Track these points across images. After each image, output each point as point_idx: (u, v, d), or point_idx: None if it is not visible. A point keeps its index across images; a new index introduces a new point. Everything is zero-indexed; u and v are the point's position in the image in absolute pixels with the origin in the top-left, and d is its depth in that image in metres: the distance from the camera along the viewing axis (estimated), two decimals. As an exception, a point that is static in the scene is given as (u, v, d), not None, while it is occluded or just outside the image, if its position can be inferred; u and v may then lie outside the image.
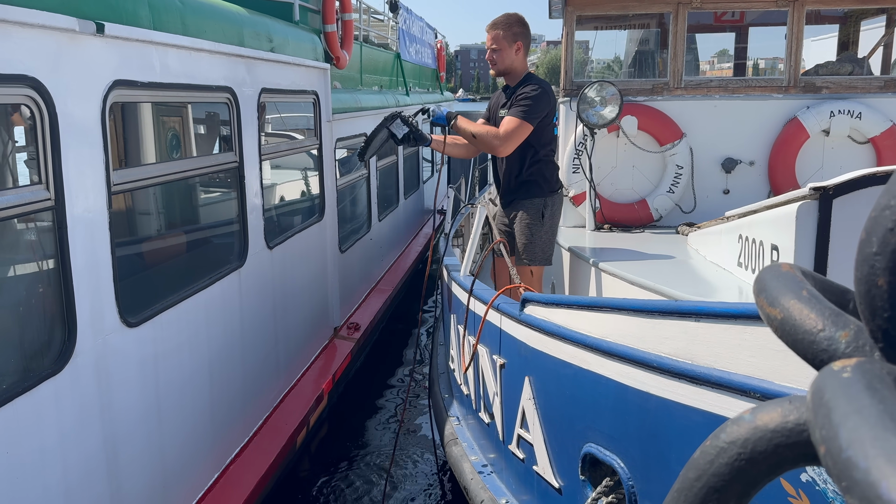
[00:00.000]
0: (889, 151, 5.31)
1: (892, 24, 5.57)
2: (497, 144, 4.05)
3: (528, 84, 4.15)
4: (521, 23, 4.30)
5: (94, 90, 2.91)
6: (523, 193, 4.24)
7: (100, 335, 2.95)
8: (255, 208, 4.58)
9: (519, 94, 4.10)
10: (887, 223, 0.51)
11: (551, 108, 4.19)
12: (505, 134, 4.02)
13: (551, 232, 4.29)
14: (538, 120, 4.06)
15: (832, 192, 2.59)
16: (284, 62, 5.05)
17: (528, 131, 4.04)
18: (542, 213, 4.19)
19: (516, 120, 4.01)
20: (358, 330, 6.40)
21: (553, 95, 4.21)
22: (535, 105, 4.03)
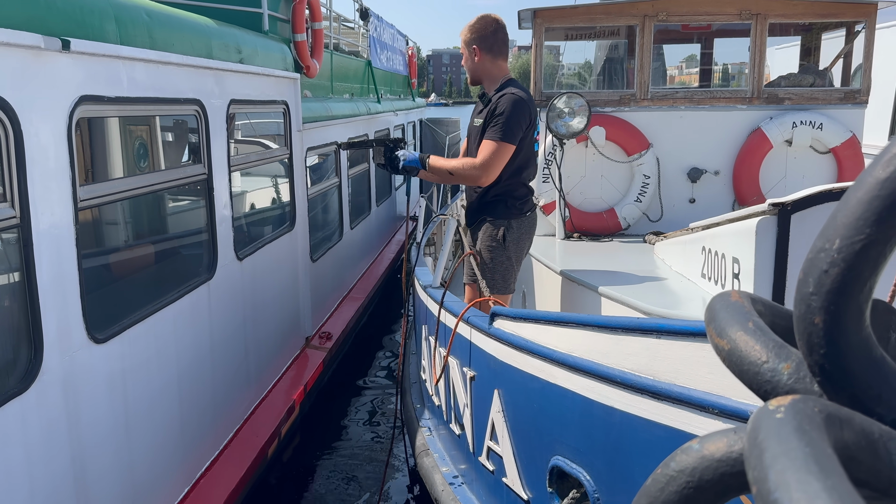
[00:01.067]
0: (849, 161, 5.45)
1: (851, 38, 5.72)
2: (477, 175, 3.68)
3: (502, 95, 3.75)
4: (475, 27, 3.93)
5: (60, 106, 2.89)
6: (487, 213, 3.88)
7: (67, 353, 2.92)
8: (224, 219, 4.56)
9: (493, 109, 3.73)
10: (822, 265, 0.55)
11: (531, 119, 3.78)
12: (483, 162, 3.66)
13: (515, 258, 3.90)
14: (519, 136, 3.69)
15: (790, 207, 2.66)
16: (254, 73, 5.05)
17: (510, 152, 3.66)
18: (505, 236, 3.81)
19: (493, 143, 3.64)
20: (330, 339, 6.40)
21: (531, 104, 3.79)
22: (511, 121, 3.65)
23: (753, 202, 5.51)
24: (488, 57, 3.91)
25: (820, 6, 5.49)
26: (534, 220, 4.06)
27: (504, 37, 3.98)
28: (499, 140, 3.64)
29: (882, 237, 0.53)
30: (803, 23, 5.99)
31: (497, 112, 3.69)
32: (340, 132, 7.66)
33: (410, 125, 13.46)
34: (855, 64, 5.88)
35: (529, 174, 3.95)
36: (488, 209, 3.87)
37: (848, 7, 5.47)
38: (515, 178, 3.85)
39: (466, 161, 3.78)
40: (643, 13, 5.54)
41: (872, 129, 6.90)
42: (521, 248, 3.95)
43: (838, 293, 0.53)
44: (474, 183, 3.79)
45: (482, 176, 3.68)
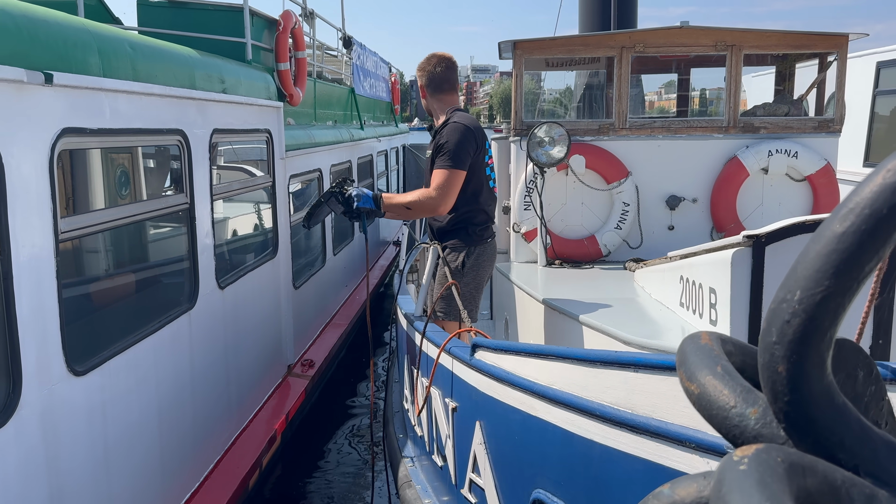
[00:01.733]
0: (824, 189, 5.55)
1: (823, 68, 5.85)
2: (435, 205, 3.76)
3: (444, 126, 3.90)
4: (421, 67, 4.16)
5: (41, 139, 2.90)
6: (447, 241, 3.97)
7: (46, 386, 2.90)
8: (205, 248, 4.56)
9: (439, 141, 3.85)
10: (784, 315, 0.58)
11: (477, 144, 3.86)
12: (437, 190, 3.74)
13: (474, 286, 3.94)
14: (468, 162, 3.80)
15: (764, 239, 2.71)
16: (237, 102, 5.08)
17: (461, 178, 3.76)
18: (464, 263, 3.89)
19: (444, 171, 3.75)
20: (312, 367, 6.37)
21: (475, 130, 3.88)
22: (457, 148, 3.75)
23: (731, 229, 5.59)
24: (433, 94, 4.11)
25: (793, 38, 5.62)
26: (494, 248, 4.12)
27: (448, 74, 4.13)
28: (448, 168, 3.74)
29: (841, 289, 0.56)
30: (777, 53, 6.12)
31: (441, 142, 3.82)
32: (324, 159, 7.70)
33: (394, 151, 13.54)
34: (828, 93, 6.02)
35: (486, 199, 4.02)
36: (448, 236, 3.96)
37: (820, 39, 5.61)
38: (473, 205, 3.94)
39: (421, 192, 3.84)
40: (621, 45, 5.65)
41: (847, 155, 7.04)
42: (482, 276, 4.01)
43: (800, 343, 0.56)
44: (433, 212, 3.86)
45: (440, 204, 3.76)
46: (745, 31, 5.58)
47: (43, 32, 2.97)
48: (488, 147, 4.07)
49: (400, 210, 3.95)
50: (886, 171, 0.54)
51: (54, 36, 3.05)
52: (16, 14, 2.84)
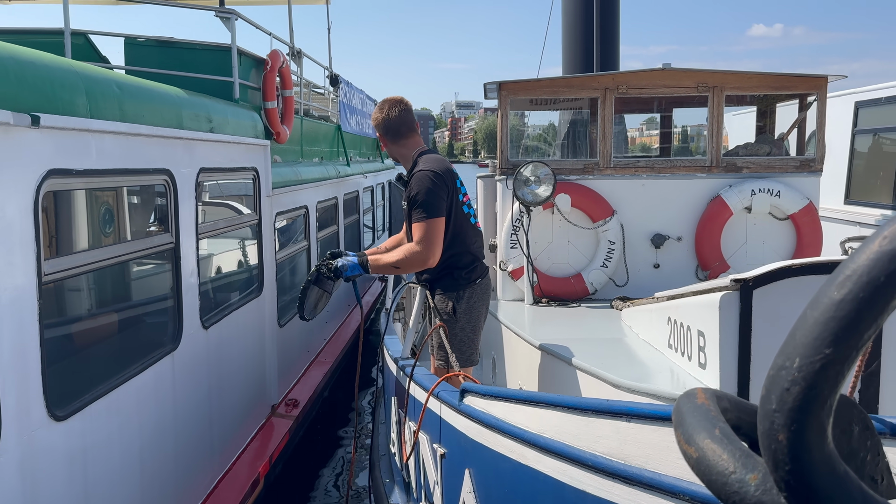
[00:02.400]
0: (807, 227, 5.62)
1: (804, 108, 5.96)
2: (422, 258, 3.66)
3: (415, 173, 3.79)
4: (375, 119, 4.06)
5: (27, 181, 2.87)
6: (435, 288, 3.91)
7: (25, 432, 2.84)
8: (190, 287, 4.51)
9: (410, 192, 3.76)
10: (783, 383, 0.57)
11: (448, 185, 3.77)
12: (421, 244, 3.64)
13: (470, 328, 3.87)
14: (443, 206, 3.70)
15: (752, 283, 2.73)
16: (224, 141, 5.07)
17: (442, 224, 3.68)
18: (455, 308, 3.82)
19: (422, 223, 3.65)
20: (297, 406, 6.29)
21: (444, 172, 3.79)
22: (429, 196, 3.66)
23: (716, 268, 5.63)
24: (394, 141, 4.01)
25: (773, 79, 5.73)
26: (486, 286, 4.00)
27: (404, 116, 4.00)
28: (425, 219, 3.64)
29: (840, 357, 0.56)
30: (758, 94, 6.23)
31: (412, 195, 3.72)
32: (310, 196, 7.69)
33: (380, 186, 13.57)
34: (808, 131, 6.12)
35: (470, 239, 3.93)
36: (436, 284, 3.89)
37: (800, 80, 5.72)
38: (456, 248, 3.84)
39: (406, 249, 3.74)
40: (604, 86, 5.73)
41: (827, 192, 7.13)
42: (476, 317, 3.91)
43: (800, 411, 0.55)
44: (422, 266, 3.75)
45: (427, 257, 3.66)
46: (727, 72, 5.68)
47: (30, 74, 2.97)
48: (460, 185, 3.97)
49: (388, 270, 3.88)
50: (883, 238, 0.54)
51: (42, 78, 3.04)
52: (3, 56, 2.84)
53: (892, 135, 7.43)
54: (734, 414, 0.68)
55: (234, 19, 5.75)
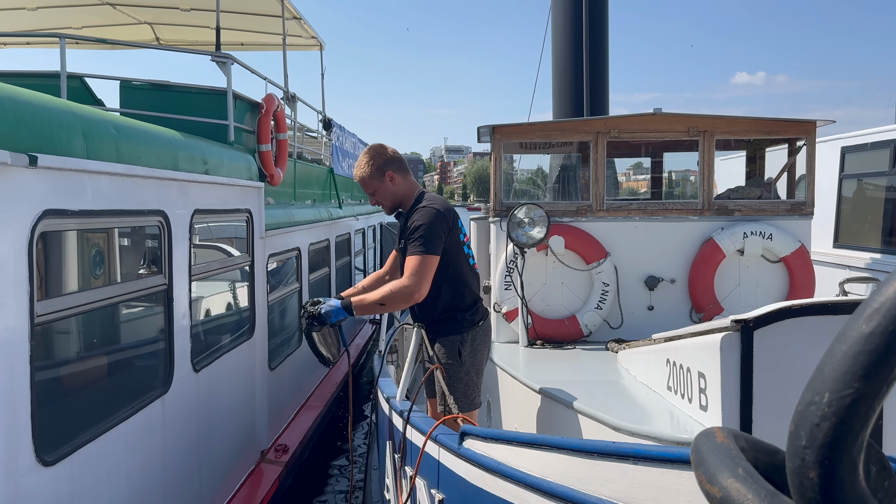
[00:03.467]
0: (800, 270, 5.65)
1: (793, 152, 6.05)
2: (410, 292, 3.52)
3: (418, 208, 3.71)
4: (379, 154, 3.89)
5: (22, 221, 2.84)
6: (438, 332, 3.78)
7: (13, 477, 2.76)
8: (182, 330, 4.46)
9: (410, 225, 3.67)
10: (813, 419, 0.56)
11: (450, 224, 3.70)
12: (412, 277, 3.51)
13: (474, 371, 3.79)
14: (440, 246, 3.61)
15: (752, 324, 2.72)
16: (218, 183, 5.07)
17: (435, 262, 3.57)
18: (460, 350, 3.71)
19: (417, 256, 3.54)
20: (286, 452, 6.17)
21: (446, 211, 3.72)
22: (429, 232, 3.57)
23: (710, 310, 5.63)
24: (401, 177, 3.88)
25: (763, 124, 5.82)
26: (487, 328, 3.94)
27: (400, 156, 3.98)
28: (421, 253, 3.54)
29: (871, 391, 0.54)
30: (748, 140, 6.32)
31: (412, 227, 3.64)
32: (303, 238, 7.68)
33: (371, 229, 13.59)
34: (797, 174, 6.20)
35: (470, 280, 3.86)
36: (440, 327, 3.78)
37: (789, 125, 5.82)
38: (458, 289, 3.77)
39: (393, 283, 3.60)
40: (596, 130, 5.80)
41: (816, 236, 7.20)
42: (480, 360, 3.84)
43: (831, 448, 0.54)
44: (409, 301, 3.60)
45: (416, 291, 3.52)
46: (717, 117, 5.77)
47: (29, 115, 2.97)
48: (461, 225, 3.91)
49: (373, 308, 3.69)
50: None
51: (40, 118, 3.04)
52: (2, 97, 2.84)
53: (878, 179, 7.54)
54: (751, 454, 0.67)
55: (230, 63, 5.80)
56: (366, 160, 3.87)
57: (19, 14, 8.64)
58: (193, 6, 8.47)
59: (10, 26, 9.02)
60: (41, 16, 8.74)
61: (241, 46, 10.21)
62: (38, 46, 9.90)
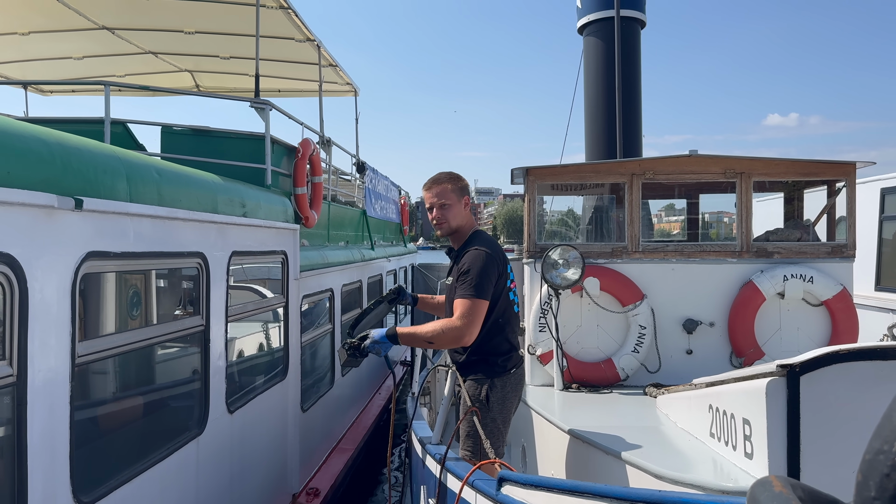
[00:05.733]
0: (842, 314, 5.50)
1: (833, 194, 5.95)
2: (459, 335, 3.46)
3: (470, 250, 3.64)
4: (460, 179, 3.85)
5: (66, 263, 2.90)
6: (468, 373, 3.70)
7: (50, 518, 2.76)
8: (217, 371, 4.48)
9: (462, 267, 3.60)
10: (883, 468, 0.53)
11: (500, 271, 3.64)
12: (462, 319, 3.45)
13: (501, 419, 3.66)
14: (491, 291, 3.55)
15: (799, 369, 2.64)
16: (256, 225, 5.14)
17: (485, 307, 3.51)
18: (488, 395, 3.61)
19: (467, 301, 3.48)
20: (318, 495, 6.11)
21: (498, 255, 3.68)
22: (481, 277, 3.51)
23: (750, 354, 5.50)
24: (468, 210, 3.87)
25: (801, 166, 5.75)
26: (520, 378, 3.83)
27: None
28: (471, 297, 3.49)
29: None
30: (786, 181, 6.25)
31: (464, 270, 3.58)
32: (336, 279, 7.72)
33: (402, 270, 13.62)
34: (837, 216, 6.09)
35: (511, 327, 3.78)
36: (470, 368, 3.70)
37: (828, 167, 5.74)
38: (496, 335, 3.69)
39: (444, 323, 3.52)
40: (631, 172, 5.78)
41: (857, 279, 7.04)
42: (508, 409, 3.72)
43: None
44: (456, 343, 3.53)
45: (464, 335, 3.46)
46: (754, 159, 5.71)
47: (75, 159, 3.04)
48: (509, 270, 3.82)
49: (420, 343, 3.62)
50: None
51: (85, 163, 3.11)
52: (51, 142, 2.92)
53: (920, 220, 7.37)
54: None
55: (269, 109, 5.93)
56: (453, 177, 3.82)
57: (66, 63, 8.96)
58: (233, 54, 8.71)
59: (57, 75, 9.35)
60: (87, 65, 9.05)
61: (278, 93, 10.45)
62: (84, 94, 10.24)
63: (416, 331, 3.56)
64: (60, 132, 3.09)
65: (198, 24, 7.59)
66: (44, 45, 8.13)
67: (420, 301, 4.30)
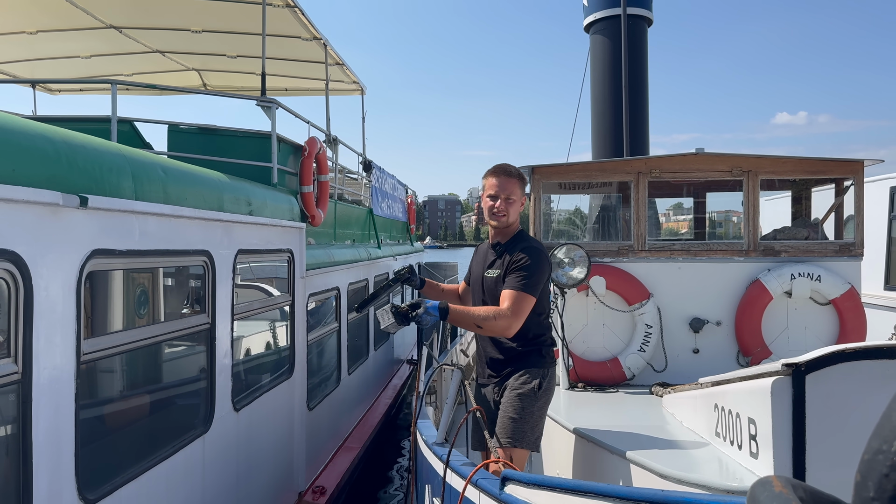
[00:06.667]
0: (850, 313, 5.47)
1: (840, 192, 5.92)
2: (507, 325, 3.47)
3: (524, 247, 3.67)
4: (521, 175, 3.86)
5: (72, 261, 2.91)
6: (521, 363, 3.71)
7: (55, 515, 2.77)
8: (223, 369, 4.49)
9: (516, 261, 3.61)
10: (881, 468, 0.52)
11: (550, 271, 3.76)
12: (512, 311, 3.46)
13: (543, 411, 3.70)
14: (540, 290, 3.61)
15: (804, 368, 2.63)
16: (261, 224, 5.15)
17: (532, 304, 3.55)
18: (540, 384, 3.65)
19: (521, 293, 3.51)
20: (324, 494, 6.11)
21: (548, 256, 3.79)
22: (536, 275, 3.56)
23: (758, 353, 5.48)
24: (521, 202, 3.88)
25: (809, 164, 5.71)
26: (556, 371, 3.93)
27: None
28: (524, 290, 3.51)
29: None
30: (793, 179, 6.21)
31: (521, 264, 3.58)
32: (342, 277, 7.73)
33: (409, 269, 13.61)
34: (845, 214, 6.05)
35: (548, 322, 3.92)
36: (524, 359, 3.71)
37: (836, 165, 5.70)
38: (547, 329, 3.83)
39: (496, 311, 3.50)
40: (637, 170, 5.76)
41: (865, 277, 7.00)
42: (550, 400, 3.78)
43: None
44: (503, 333, 3.56)
45: (511, 326, 3.48)
46: (761, 157, 5.68)
47: (80, 157, 3.05)
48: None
49: (468, 325, 3.60)
50: None
51: (91, 161, 3.12)
52: (56, 140, 2.93)
53: (930, 219, 7.32)
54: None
55: (275, 108, 5.93)
56: (522, 175, 3.85)
57: (74, 62, 9.00)
58: (240, 53, 8.73)
59: (65, 74, 9.39)
60: (94, 64, 9.09)
61: (285, 91, 10.46)
62: (91, 93, 10.28)
63: (469, 311, 3.56)
64: (66, 130, 3.10)
65: (205, 22, 7.61)
66: (52, 44, 8.17)
67: (427, 285, 4.23)
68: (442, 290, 4.36)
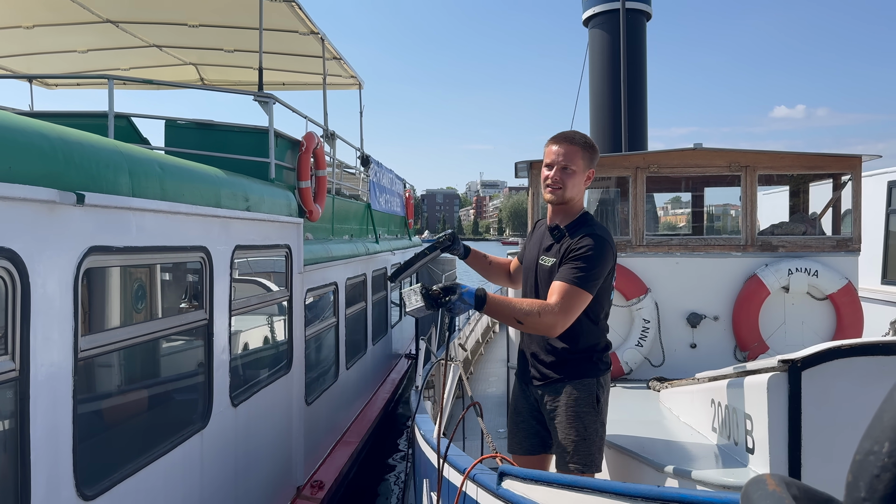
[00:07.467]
0: (847, 308, 5.49)
1: (838, 188, 5.92)
2: (553, 322, 2.91)
3: (586, 233, 3.08)
4: (591, 145, 3.26)
5: (69, 258, 2.91)
6: (572, 373, 3.18)
7: (53, 511, 2.78)
8: (221, 364, 4.49)
9: (576, 249, 3.04)
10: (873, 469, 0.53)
11: (613, 265, 3.15)
12: (561, 306, 2.92)
13: (604, 426, 3.23)
14: (597, 287, 3.04)
15: (800, 364, 2.64)
16: (259, 219, 5.14)
17: (587, 301, 3.00)
18: (598, 397, 3.16)
19: (575, 289, 2.95)
20: (322, 488, 6.13)
21: (613, 249, 3.15)
22: (596, 268, 3.00)
23: (755, 349, 5.49)
24: (587, 177, 3.27)
25: (807, 159, 5.72)
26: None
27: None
28: (579, 286, 2.96)
29: None
30: (791, 175, 6.22)
31: (580, 253, 3.03)
32: (340, 272, 7.73)
33: (407, 264, 13.61)
34: (843, 209, 6.06)
35: (606, 324, 3.35)
36: (575, 369, 3.20)
37: (834, 160, 5.71)
38: (602, 329, 3.27)
39: (542, 306, 2.94)
40: (635, 165, 5.76)
41: (863, 272, 7.02)
42: (607, 410, 3.29)
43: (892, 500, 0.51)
44: (548, 333, 3.02)
45: (558, 324, 2.93)
46: (759, 152, 5.69)
47: (77, 154, 3.05)
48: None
49: (507, 319, 3.01)
50: None
51: (88, 157, 3.12)
52: (52, 137, 2.93)
53: (927, 213, 7.33)
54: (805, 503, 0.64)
55: (272, 103, 5.92)
56: (588, 143, 3.25)
57: (70, 56, 8.97)
58: (237, 47, 8.71)
59: (62, 68, 9.37)
60: (91, 58, 9.06)
61: (282, 86, 10.44)
62: (88, 87, 10.26)
63: (510, 303, 2.98)
64: (62, 126, 3.10)
65: (202, 17, 7.59)
66: (48, 38, 8.14)
67: (472, 255, 3.60)
68: (490, 263, 3.74)
